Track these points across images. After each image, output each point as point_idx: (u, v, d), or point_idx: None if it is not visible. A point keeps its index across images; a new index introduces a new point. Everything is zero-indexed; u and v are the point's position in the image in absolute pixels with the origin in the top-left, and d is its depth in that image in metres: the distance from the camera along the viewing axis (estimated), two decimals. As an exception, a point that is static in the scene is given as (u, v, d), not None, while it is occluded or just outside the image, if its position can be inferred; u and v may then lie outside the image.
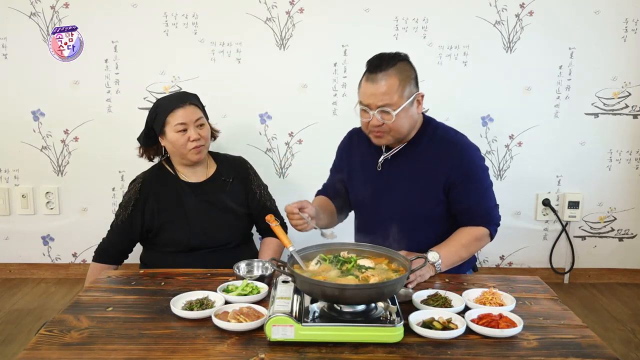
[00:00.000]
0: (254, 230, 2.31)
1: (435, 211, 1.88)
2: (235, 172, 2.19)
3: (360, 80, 1.84)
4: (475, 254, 2.08)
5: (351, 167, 2.03)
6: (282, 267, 1.44)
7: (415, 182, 1.86)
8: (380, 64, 1.77)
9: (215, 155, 2.22)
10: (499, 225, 1.92)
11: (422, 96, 1.84)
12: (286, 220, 2.29)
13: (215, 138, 2.25)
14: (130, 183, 2.16)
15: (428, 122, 1.91)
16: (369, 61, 1.81)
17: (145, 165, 2.24)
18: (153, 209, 2.07)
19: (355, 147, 2.03)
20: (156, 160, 2.23)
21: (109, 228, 2.15)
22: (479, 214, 1.87)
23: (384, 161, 1.91)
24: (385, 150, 1.91)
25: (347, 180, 2.04)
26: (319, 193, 2.15)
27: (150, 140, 2.14)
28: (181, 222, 2.06)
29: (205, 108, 2.13)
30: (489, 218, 1.88)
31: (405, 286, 1.60)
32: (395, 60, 1.78)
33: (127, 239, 2.12)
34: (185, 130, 2.03)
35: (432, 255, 1.71)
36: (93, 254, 2.16)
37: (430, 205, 1.87)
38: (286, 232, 1.79)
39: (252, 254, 2.16)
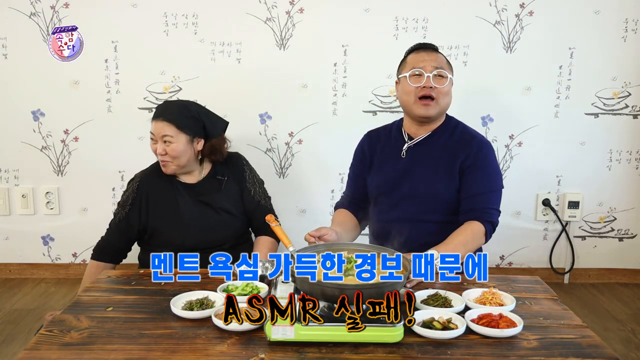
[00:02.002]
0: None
1: (451, 196, 1.95)
2: (230, 170, 2.18)
3: (404, 58, 2.00)
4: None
5: (373, 161, 2.10)
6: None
7: (435, 165, 1.96)
8: (430, 44, 1.99)
9: None
10: (494, 228, 1.93)
11: (452, 83, 1.98)
12: (286, 220, 2.32)
13: (222, 149, 2.18)
14: (129, 182, 2.16)
15: (450, 119, 2.04)
16: (414, 45, 2.01)
17: (144, 165, 2.24)
18: (149, 208, 2.08)
19: (375, 144, 2.12)
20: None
21: (107, 227, 2.15)
22: (479, 207, 1.90)
23: (407, 149, 2.01)
24: (408, 139, 2.02)
25: (368, 173, 2.10)
26: (338, 206, 2.17)
27: None
28: (176, 223, 2.06)
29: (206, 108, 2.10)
30: (485, 214, 1.90)
31: (405, 286, 1.60)
32: (437, 48, 2.00)
33: (125, 237, 2.12)
34: (155, 142, 2.06)
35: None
36: (92, 251, 2.15)
37: (447, 190, 1.95)
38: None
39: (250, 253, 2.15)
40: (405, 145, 2.01)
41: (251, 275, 1.50)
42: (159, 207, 2.08)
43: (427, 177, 1.96)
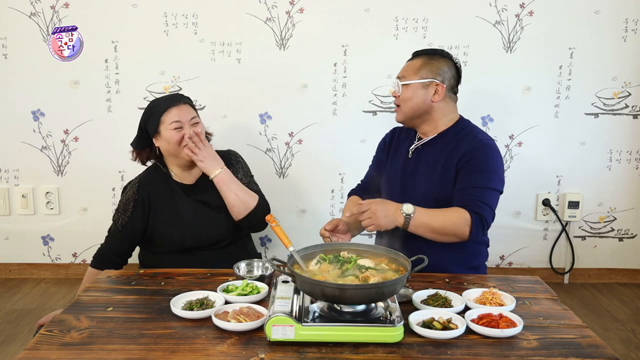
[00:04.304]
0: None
1: (447, 196, 1.93)
2: None
3: None
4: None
5: (389, 155, 2.14)
6: (282, 267, 1.45)
7: (436, 168, 1.95)
8: (420, 51, 2.02)
9: None
10: (482, 223, 1.80)
11: (443, 88, 1.94)
12: (286, 220, 2.32)
13: (209, 140, 2.23)
14: (126, 186, 2.15)
15: (461, 121, 2.03)
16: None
17: (144, 165, 2.23)
18: (151, 209, 2.07)
19: (395, 140, 2.16)
20: (148, 163, 2.21)
21: (106, 234, 2.13)
22: (467, 198, 1.83)
23: (415, 149, 2.02)
24: (417, 140, 2.03)
25: (384, 167, 2.14)
26: (353, 192, 2.23)
27: (143, 143, 2.12)
28: (175, 223, 2.06)
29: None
30: (474, 206, 1.81)
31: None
32: (433, 52, 2.01)
33: (128, 241, 2.10)
34: (180, 128, 2.03)
35: (407, 207, 1.76)
36: (92, 258, 2.12)
37: (446, 192, 1.93)
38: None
39: (246, 252, 2.16)
40: (413, 146, 2.03)
41: (251, 275, 1.50)
42: (159, 208, 2.08)
43: (428, 178, 1.96)
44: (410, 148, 2.03)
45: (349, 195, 2.23)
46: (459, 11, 2.89)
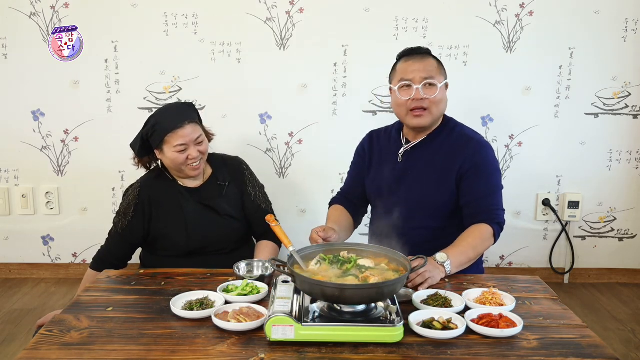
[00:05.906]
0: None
1: (447, 201, 1.92)
2: (231, 176, 2.16)
3: (394, 66, 1.96)
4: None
5: (372, 161, 2.09)
6: (282, 267, 1.45)
7: (431, 172, 1.93)
8: (418, 49, 1.95)
9: (211, 158, 2.18)
10: (502, 227, 1.90)
11: (447, 86, 1.94)
12: (286, 220, 2.32)
13: (210, 141, 2.22)
14: (128, 189, 2.13)
15: (448, 120, 2.01)
16: (403, 51, 1.96)
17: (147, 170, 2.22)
18: (152, 213, 2.06)
19: (375, 145, 2.11)
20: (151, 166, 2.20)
21: (107, 236, 2.12)
22: (484, 209, 1.88)
23: (404, 153, 1.98)
24: (405, 143, 1.99)
25: (367, 173, 2.10)
26: (334, 201, 2.17)
27: (145, 152, 2.09)
28: (180, 226, 2.05)
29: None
30: (493, 215, 1.87)
31: (416, 289, 1.60)
32: (429, 51, 1.96)
33: (128, 245, 2.10)
34: (185, 150, 2.00)
35: (440, 257, 1.71)
36: (91, 260, 2.13)
37: (442, 195, 1.92)
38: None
39: (250, 256, 2.15)
40: (402, 149, 1.98)
41: (251, 275, 1.50)
42: (162, 212, 2.06)
43: (422, 182, 1.94)
44: (400, 151, 1.98)
45: (330, 204, 2.17)
46: (459, 11, 2.89)
